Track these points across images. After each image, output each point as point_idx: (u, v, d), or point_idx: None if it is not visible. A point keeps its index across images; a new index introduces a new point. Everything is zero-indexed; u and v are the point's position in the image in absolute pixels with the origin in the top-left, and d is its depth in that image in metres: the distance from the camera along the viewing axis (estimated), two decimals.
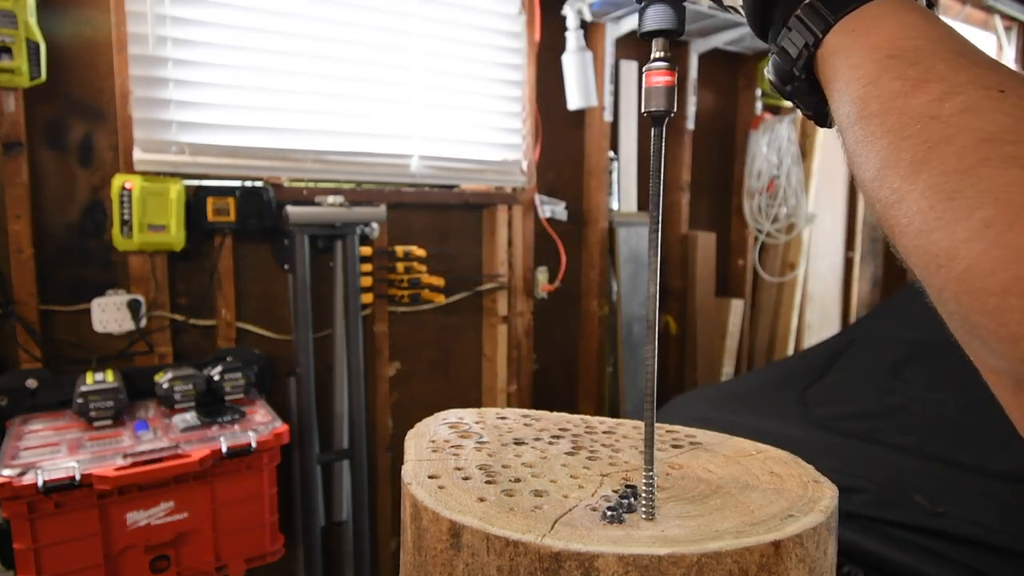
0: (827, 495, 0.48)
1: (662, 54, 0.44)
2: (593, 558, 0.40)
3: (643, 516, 0.45)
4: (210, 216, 1.77)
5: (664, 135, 0.46)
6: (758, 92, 3.07)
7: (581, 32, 2.35)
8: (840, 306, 3.68)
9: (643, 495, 0.47)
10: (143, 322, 1.77)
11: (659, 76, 0.44)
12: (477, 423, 0.65)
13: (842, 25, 0.38)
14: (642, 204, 2.77)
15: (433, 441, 0.59)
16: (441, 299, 2.28)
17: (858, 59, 0.36)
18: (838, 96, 0.38)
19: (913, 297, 2.49)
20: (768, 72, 0.44)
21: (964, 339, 0.31)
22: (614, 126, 2.64)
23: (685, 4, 0.44)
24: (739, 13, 0.47)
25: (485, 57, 2.28)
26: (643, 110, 0.45)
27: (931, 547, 1.37)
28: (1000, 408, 0.33)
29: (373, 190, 2.09)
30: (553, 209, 2.50)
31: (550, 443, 0.60)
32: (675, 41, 0.45)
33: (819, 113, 0.43)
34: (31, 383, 1.61)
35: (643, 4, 0.44)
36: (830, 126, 0.45)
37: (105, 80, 1.69)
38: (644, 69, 0.45)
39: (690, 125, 2.89)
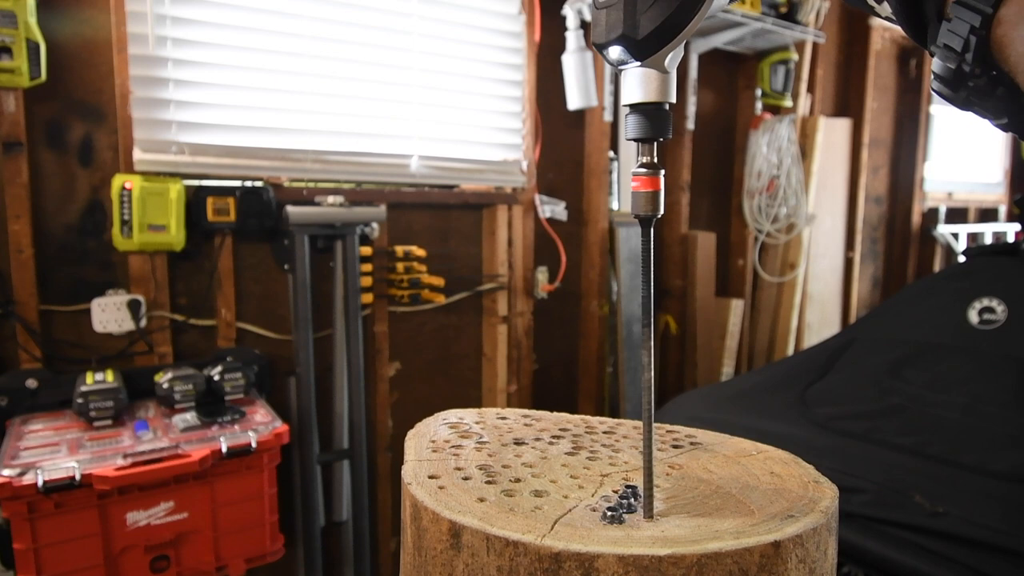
0: (827, 496, 0.48)
1: (647, 159, 0.45)
2: (593, 558, 0.40)
3: (643, 516, 0.45)
4: (210, 216, 1.77)
5: (652, 237, 0.46)
6: (758, 92, 3.07)
7: (581, 32, 2.35)
8: (840, 306, 3.68)
9: (643, 495, 0.47)
10: (143, 322, 1.77)
11: (644, 182, 0.45)
12: (477, 423, 0.65)
13: None
14: None
15: (433, 441, 0.59)
16: (441, 299, 2.28)
17: None
18: None
19: (913, 297, 2.49)
20: (933, 84, 0.38)
21: None
22: (614, 126, 2.64)
23: (670, 110, 0.45)
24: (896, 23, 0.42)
25: (485, 57, 2.28)
26: (632, 213, 0.46)
27: (931, 547, 1.37)
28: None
29: (373, 190, 2.09)
30: (553, 209, 2.50)
31: (550, 443, 0.60)
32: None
33: (1014, 110, 0.36)
34: (31, 383, 1.61)
35: (628, 112, 0.45)
36: None
37: (105, 80, 1.69)
38: (632, 172, 0.46)
39: (690, 125, 2.89)
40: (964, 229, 4.04)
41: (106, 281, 1.75)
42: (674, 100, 0.45)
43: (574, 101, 2.37)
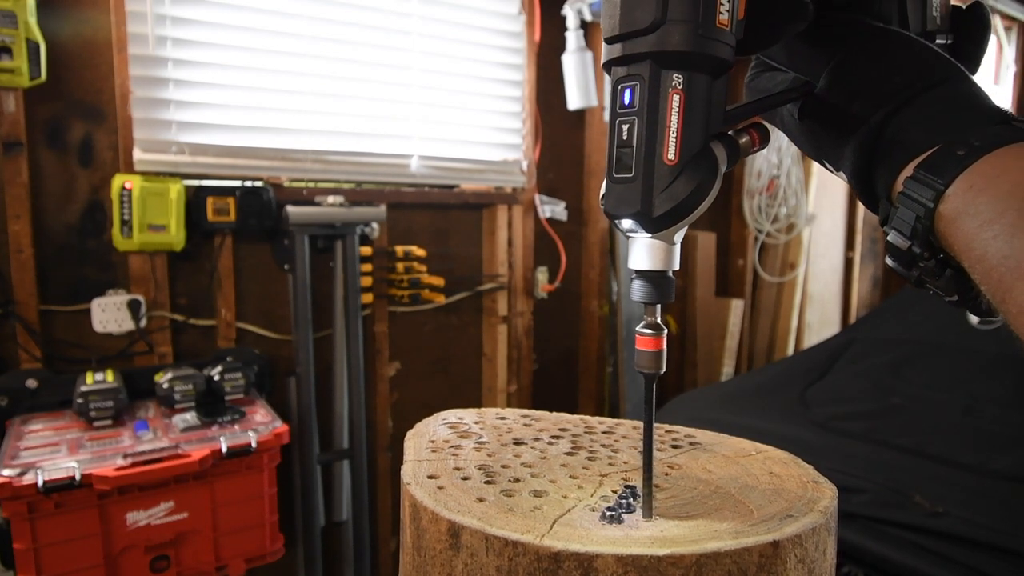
0: (827, 496, 0.48)
1: (651, 320, 0.47)
2: (592, 558, 0.40)
3: (642, 516, 0.45)
4: (210, 216, 1.77)
5: (655, 391, 0.49)
6: None
7: (581, 32, 2.35)
8: (840, 306, 3.68)
9: (642, 495, 0.47)
10: (143, 322, 1.77)
11: (649, 342, 0.47)
12: (476, 423, 0.65)
13: (959, 185, 0.34)
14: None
15: (432, 441, 0.59)
16: (441, 299, 2.28)
17: (1001, 206, 0.33)
18: (997, 244, 0.33)
19: (913, 297, 2.49)
20: (888, 260, 0.40)
21: None
22: None
23: (674, 277, 0.47)
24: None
25: (485, 57, 2.28)
26: (635, 368, 0.49)
27: (931, 547, 1.37)
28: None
29: (373, 190, 2.09)
30: (553, 209, 2.50)
31: (549, 443, 0.60)
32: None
33: (963, 290, 0.37)
34: (31, 383, 1.61)
35: (633, 276, 0.48)
36: (986, 311, 0.38)
37: (105, 80, 1.69)
38: (636, 330, 0.48)
39: None
40: None
41: (106, 281, 1.75)
42: (677, 267, 0.47)
43: (574, 101, 2.37)
